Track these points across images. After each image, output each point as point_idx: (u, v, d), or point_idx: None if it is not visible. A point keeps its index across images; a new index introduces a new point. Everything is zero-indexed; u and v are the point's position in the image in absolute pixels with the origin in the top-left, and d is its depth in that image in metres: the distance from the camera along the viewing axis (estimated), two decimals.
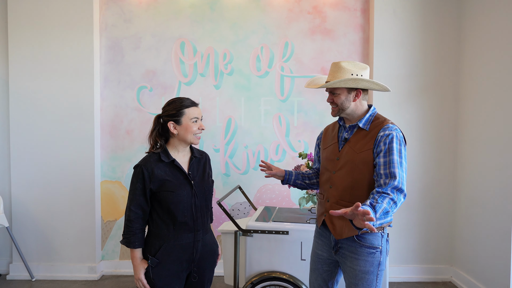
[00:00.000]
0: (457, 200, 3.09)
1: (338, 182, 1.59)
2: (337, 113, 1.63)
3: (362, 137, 1.58)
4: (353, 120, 1.63)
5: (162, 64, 3.18)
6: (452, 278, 3.11)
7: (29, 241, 3.11)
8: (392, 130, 1.51)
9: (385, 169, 1.46)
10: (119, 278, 3.14)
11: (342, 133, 1.67)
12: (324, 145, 1.75)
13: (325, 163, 1.70)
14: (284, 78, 3.19)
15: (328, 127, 1.82)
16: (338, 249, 1.61)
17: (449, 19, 3.06)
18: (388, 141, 1.48)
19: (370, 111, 1.62)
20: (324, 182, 1.69)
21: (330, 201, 1.62)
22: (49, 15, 3.03)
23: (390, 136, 1.49)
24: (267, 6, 3.16)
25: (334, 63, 1.60)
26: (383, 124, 1.56)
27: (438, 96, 3.09)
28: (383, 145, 1.49)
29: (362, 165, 1.53)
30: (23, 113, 3.07)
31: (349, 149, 1.58)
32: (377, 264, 1.54)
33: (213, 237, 1.76)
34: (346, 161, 1.57)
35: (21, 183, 3.09)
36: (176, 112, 1.60)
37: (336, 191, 1.60)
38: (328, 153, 1.69)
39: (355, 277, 1.54)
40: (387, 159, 1.47)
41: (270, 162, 3.21)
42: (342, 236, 1.56)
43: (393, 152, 1.47)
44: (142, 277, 1.57)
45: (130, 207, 1.57)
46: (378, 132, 1.53)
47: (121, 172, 3.21)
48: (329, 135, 1.75)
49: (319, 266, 1.71)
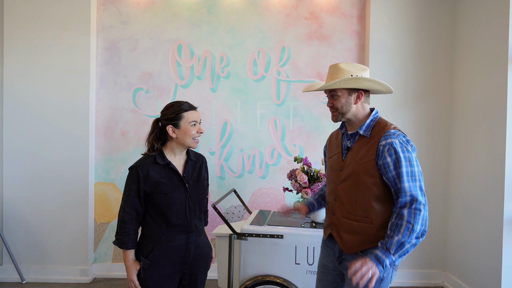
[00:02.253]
0: (449, 205, 3.12)
1: (342, 195, 1.51)
2: (338, 118, 1.52)
3: (363, 144, 1.48)
4: (354, 126, 1.53)
5: (158, 66, 3.18)
6: (444, 283, 3.13)
7: (20, 243, 3.07)
8: (393, 137, 1.40)
9: (396, 184, 1.38)
10: (111, 281, 3.11)
11: (345, 141, 1.58)
12: (329, 154, 1.67)
13: (329, 173, 1.62)
14: (281, 82, 3.21)
15: (332, 134, 1.72)
16: (342, 261, 1.54)
17: (443, 27, 3.12)
18: (393, 151, 1.38)
19: (371, 116, 1.51)
20: (329, 194, 1.61)
21: (337, 215, 1.54)
22: (45, 15, 3.02)
23: (393, 145, 1.38)
24: (264, 11, 3.19)
25: (332, 65, 1.52)
26: (383, 131, 1.44)
27: (432, 103, 3.13)
28: (389, 157, 1.38)
29: (366, 177, 1.44)
30: (17, 113, 3.04)
31: (352, 159, 1.49)
32: (379, 280, 1.45)
33: (207, 240, 1.76)
34: (350, 173, 1.48)
35: (12, 184, 3.05)
36: (175, 116, 1.59)
37: (341, 205, 1.52)
38: (332, 163, 1.61)
39: None
40: (397, 172, 1.37)
41: (265, 166, 3.22)
42: (352, 250, 1.48)
43: (401, 164, 1.37)
44: (134, 278, 1.56)
45: (124, 208, 1.57)
46: (379, 141, 1.43)
47: (115, 174, 3.19)
48: (333, 143, 1.66)
49: (324, 277, 1.66)
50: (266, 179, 3.22)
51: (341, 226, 1.53)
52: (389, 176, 1.39)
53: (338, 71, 1.49)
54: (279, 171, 3.21)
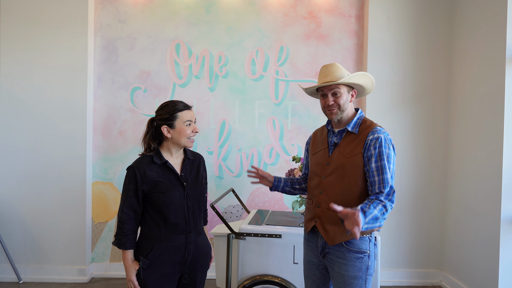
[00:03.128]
0: (447, 205, 3.13)
1: (329, 188, 1.58)
2: (338, 115, 1.59)
3: (351, 141, 1.57)
4: (342, 123, 1.62)
5: (156, 66, 3.17)
6: (442, 282, 3.14)
7: (17, 243, 3.05)
8: (380, 133, 1.52)
9: (378, 175, 1.48)
10: (109, 280, 3.10)
11: (331, 138, 1.65)
12: (313, 150, 1.73)
13: (314, 168, 1.68)
14: (279, 82, 3.21)
15: (316, 132, 1.80)
16: (326, 254, 1.59)
17: (441, 27, 3.12)
18: (378, 145, 1.49)
19: (358, 114, 1.61)
20: (313, 188, 1.66)
21: (322, 207, 1.59)
22: (42, 14, 3.00)
23: (380, 140, 1.50)
24: (263, 10, 3.18)
25: (328, 64, 1.59)
26: (371, 127, 1.55)
27: (430, 102, 3.14)
28: (373, 149, 1.49)
29: (353, 170, 1.53)
30: (14, 112, 3.02)
31: (339, 154, 1.57)
32: (365, 269, 1.53)
33: (206, 239, 1.76)
34: (337, 166, 1.56)
35: (9, 183, 3.04)
36: (170, 116, 1.59)
37: (327, 197, 1.58)
38: (318, 158, 1.67)
39: (344, 283, 1.53)
40: (379, 164, 1.48)
41: (263, 165, 3.22)
42: (335, 241, 1.54)
43: (383, 157, 1.48)
44: (133, 278, 1.56)
45: (122, 209, 1.57)
46: (367, 136, 1.53)
47: (113, 173, 3.18)
48: (318, 140, 1.73)
49: (311, 273, 1.69)
50: None
51: (326, 218, 1.58)
52: (370, 167, 1.50)
53: (338, 68, 1.57)
54: (278, 170, 3.21)
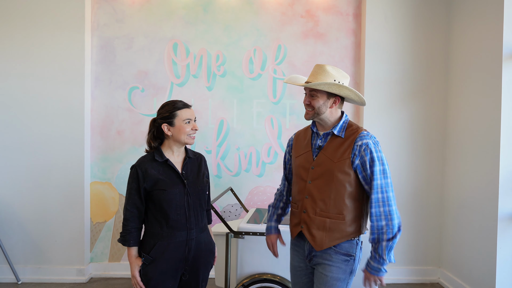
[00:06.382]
0: (445, 202, 3.15)
1: (315, 192, 1.54)
2: (312, 116, 1.56)
3: (338, 145, 1.53)
4: (326, 126, 1.59)
5: (154, 65, 3.16)
6: (440, 279, 3.16)
7: (15, 243, 3.04)
8: (368, 138, 1.50)
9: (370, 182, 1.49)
10: (108, 280, 3.10)
11: (315, 140, 1.61)
12: (296, 153, 1.67)
13: (298, 172, 1.62)
14: (277, 80, 3.21)
15: (298, 133, 1.73)
16: (312, 258, 1.57)
17: (438, 26, 3.13)
18: (369, 152, 1.48)
19: (343, 118, 1.58)
20: (298, 192, 1.62)
21: (308, 212, 1.56)
22: (39, 13, 2.98)
23: (369, 146, 1.48)
24: (260, 9, 3.18)
25: (319, 65, 1.55)
26: (358, 132, 1.53)
27: (427, 101, 3.15)
28: (365, 156, 1.48)
29: (341, 174, 1.50)
30: (11, 112, 3.01)
31: (326, 158, 1.54)
32: (349, 272, 1.54)
33: (210, 237, 1.78)
34: (324, 171, 1.52)
35: (7, 183, 3.02)
36: (169, 114, 1.64)
37: (313, 202, 1.54)
38: (301, 161, 1.62)
39: (325, 284, 1.51)
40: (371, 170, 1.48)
41: (262, 164, 3.22)
42: (323, 247, 1.52)
43: (375, 163, 1.47)
44: (136, 274, 1.61)
45: (126, 207, 1.64)
46: (355, 141, 1.50)
47: (111, 173, 3.17)
48: (301, 143, 1.67)
49: (299, 279, 1.66)
50: (262, 177, 3.23)
51: (312, 224, 1.55)
52: (366, 174, 1.49)
53: (324, 72, 1.52)
54: (276, 169, 3.22)
